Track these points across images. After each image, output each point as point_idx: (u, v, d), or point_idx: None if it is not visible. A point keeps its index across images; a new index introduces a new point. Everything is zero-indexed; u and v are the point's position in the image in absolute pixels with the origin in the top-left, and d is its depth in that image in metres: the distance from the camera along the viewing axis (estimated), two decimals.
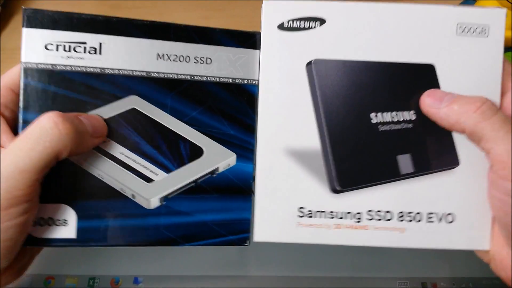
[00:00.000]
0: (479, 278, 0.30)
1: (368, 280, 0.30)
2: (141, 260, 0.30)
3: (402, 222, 0.23)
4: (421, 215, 0.23)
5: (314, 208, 0.23)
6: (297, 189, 0.23)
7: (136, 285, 0.30)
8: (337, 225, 0.23)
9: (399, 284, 0.30)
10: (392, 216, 0.23)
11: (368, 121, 0.23)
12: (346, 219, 0.23)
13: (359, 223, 0.23)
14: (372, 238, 0.23)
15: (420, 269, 0.30)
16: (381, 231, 0.23)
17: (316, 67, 0.23)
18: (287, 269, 0.30)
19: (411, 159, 0.23)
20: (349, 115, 0.23)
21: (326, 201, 0.23)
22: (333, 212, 0.23)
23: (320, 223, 0.23)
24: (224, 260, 0.31)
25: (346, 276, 0.30)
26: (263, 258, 0.31)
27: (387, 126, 0.23)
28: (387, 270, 0.30)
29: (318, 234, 0.23)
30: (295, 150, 0.23)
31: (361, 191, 0.23)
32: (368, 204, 0.23)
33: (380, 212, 0.23)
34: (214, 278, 0.30)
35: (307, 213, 0.23)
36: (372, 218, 0.23)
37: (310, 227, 0.23)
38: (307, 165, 0.23)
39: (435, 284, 0.30)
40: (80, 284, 0.30)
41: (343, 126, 0.23)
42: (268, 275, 0.30)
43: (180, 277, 0.30)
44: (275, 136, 0.23)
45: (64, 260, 0.30)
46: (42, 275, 0.30)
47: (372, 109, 0.23)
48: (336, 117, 0.23)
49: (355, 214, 0.23)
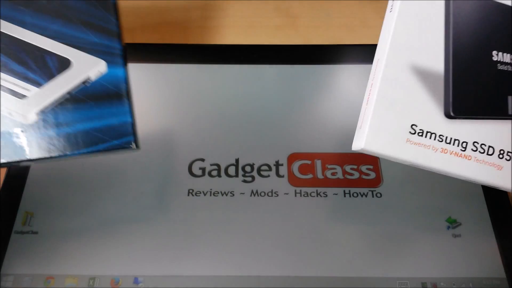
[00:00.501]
0: (479, 278, 0.30)
1: (368, 280, 0.30)
2: (141, 260, 0.30)
3: (502, 160, 0.24)
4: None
5: (426, 128, 0.24)
6: (414, 106, 0.23)
7: (136, 285, 0.30)
8: (444, 149, 0.24)
9: (399, 284, 0.30)
10: (494, 151, 0.24)
11: (489, 58, 0.25)
12: (453, 146, 0.24)
13: (464, 152, 0.24)
14: (472, 169, 0.24)
15: (420, 269, 0.30)
16: (481, 164, 0.24)
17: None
18: (287, 269, 0.30)
19: None
20: (474, 48, 0.25)
21: (438, 124, 0.24)
22: (442, 136, 0.24)
23: (429, 144, 0.24)
24: (224, 260, 0.30)
25: (346, 276, 0.30)
26: (263, 258, 0.30)
27: (505, 66, 0.25)
28: (387, 270, 0.30)
29: (424, 154, 0.24)
30: (421, 69, 0.24)
31: (471, 121, 0.24)
32: (475, 136, 0.24)
33: (484, 146, 0.24)
34: (214, 278, 0.30)
35: (419, 131, 0.23)
36: (476, 150, 0.24)
37: (418, 145, 0.23)
38: (429, 86, 0.24)
39: (435, 284, 0.30)
40: (80, 284, 0.30)
41: (467, 57, 0.24)
42: (268, 275, 0.30)
43: (180, 277, 0.30)
44: (405, 50, 0.24)
45: (64, 260, 0.30)
46: (42, 275, 0.30)
47: (494, 47, 0.25)
48: (463, 48, 0.24)
49: (462, 143, 0.24)
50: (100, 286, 0.30)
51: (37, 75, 0.24)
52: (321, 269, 0.30)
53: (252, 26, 0.25)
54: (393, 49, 0.23)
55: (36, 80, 0.24)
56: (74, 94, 0.24)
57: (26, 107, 0.23)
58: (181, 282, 0.30)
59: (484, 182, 0.24)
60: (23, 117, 0.23)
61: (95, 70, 0.24)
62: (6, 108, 0.23)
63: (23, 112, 0.23)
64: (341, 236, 0.31)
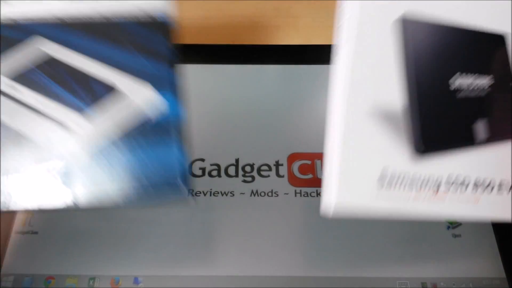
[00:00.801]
0: (479, 278, 0.30)
1: (368, 280, 0.30)
2: (141, 260, 0.30)
3: (477, 192, 0.22)
4: (494, 184, 0.23)
5: (396, 173, 0.22)
6: (381, 151, 0.22)
7: (136, 285, 0.30)
8: (417, 195, 0.22)
9: (399, 284, 0.30)
10: (468, 185, 0.22)
11: (450, 85, 0.23)
12: (425, 188, 0.22)
13: (437, 192, 0.22)
14: (448, 209, 0.22)
15: (420, 269, 0.30)
16: (456, 202, 0.22)
17: (406, 26, 0.23)
18: (287, 269, 0.30)
19: (489, 125, 0.23)
20: (434, 77, 0.23)
21: (408, 166, 0.22)
22: (414, 178, 0.22)
23: (400, 193, 0.22)
24: (224, 260, 0.30)
25: (346, 276, 0.30)
26: (263, 258, 0.31)
27: (466, 91, 0.24)
28: (387, 270, 0.30)
29: (397, 204, 0.22)
30: (378, 110, 0.22)
31: (440, 158, 0.22)
32: (447, 171, 0.22)
33: (457, 180, 0.22)
34: (214, 278, 0.30)
35: (389, 179, 0.22)
36: (449, 187, 0.22)
37: (390, 196, 0.22)
38: (392, 127, 0.22)
39: (435, 284, 0.30)
40: (80, 284, 0.30)
41: (429, 88, 0.23)
42: (268, 275, 0.30)
43: (180, 277, 0.30)
44: (362, 93, 0.22)
45: (64, 260, 0.30)
46: (42, 275, 0.30)
47: (454, 73, 0.23)
48: (424, 79, 0.23)
49: (434, 182, 0.22)
50: (100, 286, 0.30)
51: (82, 101, 0.22)
52: (321, 269, 0.30)
53: (252, 26, 0.25)
54: (348, 91, 0.22)
55: (80, 107, 0.21)
56: (125, 129, 0.21)
57: (73, 143, 0.21)
58: (181, 282, 0.30)
59: (465, 219, 0.23)
60: (69, 154, 0.21)
61: (145, 98, 0.22)
62: (48, 141, 0.21)
63: (70, 148, 0.21)
64: (341, 236, 0.31)
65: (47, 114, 0.21)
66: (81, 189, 0.20)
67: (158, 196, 0.21)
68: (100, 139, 0.21)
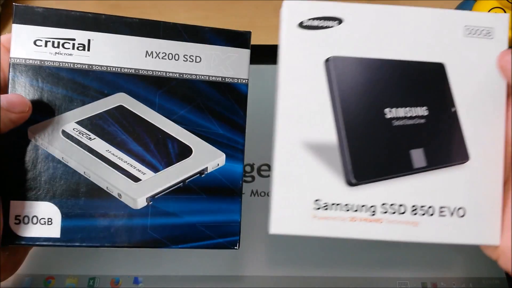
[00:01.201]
0: (479, 278, 0.30)
1: (368, 280, 0.30)
2: (141, 260, 0.30)
3: (415, 216, 0.23)
4: (434, 209, 0.23)
5: (329, 200, 0.23)
6: (313, 182, 0.23)
7: (136, 285, 0.30)
8: (352, 217, 0.23)
9: (399, 284, 0.30)
10: (406, 210, 0.23)
11: (382, 116, 0.24)
12: (361, 212, 0.23)
13: (374, 216, 0.23)
14: (386, 231, 0.23)
15: (420, 269, 0.30)
16: (395, 224, 0.23)
17: (333, 64, 0.24)
18: (287, 269, 0.30)
19: (424, 153, 0.24)
20: (365, 110, 0.24)
21: (341, 194, 0.23)
22: (348, 205, 0.23)
23: (335, 216, 0.23)
24: (224, 260, 0.31)
25: (346, 276, 0.30)
26: (263, 258, 0.31)
27: (400, 121, 0.24)
28: (387, 270, 0.30)
29: (333, 227, 0.23)
30: (313, 143, 0.23)
31: (376, 184, 0.23)
32: (383, 197, 0.23)
33: (394, 206, 0.23)
34: (214, 278, 0.30)
35: (323, 206, 0.23)
36: (386, 211, 0.23)
37: (325, 219, 0.23)
38: (324, 158, 0.23)
39: (435, 284, 0.30)
40: (80, 284, 0.30)
41: (358, 120, 0.23)
42: (268, 275, 0.30)
43: (180, 277, 0.30)
44: (293, 128, 0.23)
45: (64, 260, 0.30)
46: (42, 275, 0.30)
47: (386, 105, 0.24)
48: (353, 112, 0.23)
49: (369, 207, 0.23)
50: (100, 286, 0.30)
51: (155, 158, 0.23)
52: (321, 269, 0.30)
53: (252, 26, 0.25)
54: (283, 127, 0.23)
55: (153, 164, 0.23)
56: (188, 184, 0.23)
57: (138, 192, 0.22)
58: (181, 282, 0.30)
59: (405, 241, 0.23)
60: (132, 201, 0.22)
61: (214, 163, 0.23)
62: (117, 189, 0.22)
63: (135, 196, 0.22)
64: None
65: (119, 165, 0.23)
66: (132, 231, 0.22)
67: (213, 245, 0.23)
68: (163, 187, 0.23)
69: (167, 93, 0.24)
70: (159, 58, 0.23)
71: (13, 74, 0.22)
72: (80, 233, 0.22)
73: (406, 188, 0.23)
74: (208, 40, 0.24)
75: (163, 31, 0.23)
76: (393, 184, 0.23)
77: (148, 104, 0.23)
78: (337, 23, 0.24)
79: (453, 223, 0.23)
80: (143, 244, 0.22)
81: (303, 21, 0.24)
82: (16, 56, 0.22)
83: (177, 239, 0.23)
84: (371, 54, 0.24)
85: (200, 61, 0.24)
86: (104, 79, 0.23)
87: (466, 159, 0.23)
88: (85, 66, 0.23)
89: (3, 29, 0.41)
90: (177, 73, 0.24)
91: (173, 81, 0.24)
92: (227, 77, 0.24)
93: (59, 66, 0.22)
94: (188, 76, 0.24)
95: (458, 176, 0.23)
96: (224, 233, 0.23)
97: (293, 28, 0.24)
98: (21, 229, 0.22)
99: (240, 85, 0.24)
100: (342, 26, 0.24)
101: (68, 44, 0.22)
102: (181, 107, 0.24)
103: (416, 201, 0.23)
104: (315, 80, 0.24)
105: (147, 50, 0.23)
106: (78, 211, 0.22)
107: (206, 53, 0.24)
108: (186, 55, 0.24)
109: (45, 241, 0.22)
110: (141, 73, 0.23)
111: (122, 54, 0.23)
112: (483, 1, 0.37)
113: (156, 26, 0.23)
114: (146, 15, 0.43)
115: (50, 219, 0.22)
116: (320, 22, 0.24)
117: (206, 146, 0.24)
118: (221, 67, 0.24)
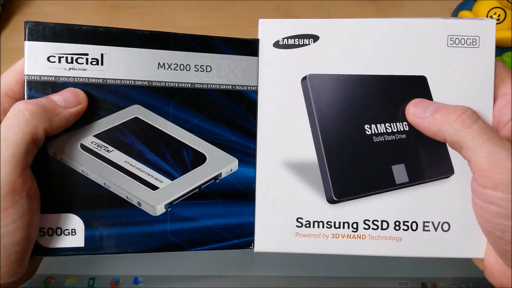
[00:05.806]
0: (479, 278, 0.30)
1: (368, 280, 0.30)
2: (141, 260, 0.31)
3: (399, 231, 0.23)
4: (417, 224, 0.23)
5: (311, 218, 0.23)
6: (295, 200, 0.23)
7: (136, 285, 0.30)
8: (335, 234, 0.23)
9: (399, 284, 0.30)
10: (389, 225, 0.23)
11: (362, 132, 0.24)
12: (343, 229, 0.23)
13: (356, 233, 0.23)
14: (369, 247, 0.23)
15: (420, 269, 0.30)
16: (377, 240, 0.23)
17: (310, 82, 0.23)
18: (287, 269, 0.30)
19: (405, 169, 0.24)
20: (344, 127, 0.24)
21: (323, 211, 0.23)
22: (330, 222, 0.23)
23: (318, 233, 0.23)
24: (224, 260, 0.31)
25: (346, 276, 0.30)
26: (263, 258, 0.31)
27: (381, 137, 0.24)
28: (387, 270, 0.30)
29: (316, 244, 0.23)
30: (293, 162, 0.24)
31: (358, 201, 0.23)
32: (365, 214, 0.23)
33: (376, 222, 0.23)
34: (214, 278, 0.30)
35: (305, 223, 0.23)
36: (369, 228, 0.23)
37: (308, 237, 0.23)
38: (305, 176, 0.23)
39: (435, 284, 0.30)
40: (80, 284, 0.30)
41: (338, 138, 0.23)
42: (268, 275, 0.30)
43: (180, 277, 0.30)
44: (273, 148, 0.24)
45: (64, 260, 0.31)
46: (42, 275, 0.30)
47: (366, 121, 0.24)
48: (331, 130, 0.23)
49: (351, 224, 0.23)
50: (100, 286, 0.30)
51: (171, 167, 0.24)
52: (321, 269, 0.30)
53: (252, 26, 0.25)
54: (261, 151, 0.23)
55: (170, 172, 0.24)
56: (203, 190, 0.24)
57: (157, 199, 0.23)
58: (181, 282, 0.30)
59: (389, 256, 0.23)
60: (152, 209, 0.23)
61: (227, 168, 0.24)
62: (136, 198, 0.23)
63: (153, 204, 0.23)
64: None
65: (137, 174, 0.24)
66: (154, 236, 0.24)
67: (229, 246, 0.24)
68: (180, 194, 0.24)
69: (181, 103, 0.24)
70: (171, 70, 0.24)
71: (29, 91, 0.22)
72: (103, 242, 0.23)
73: (389, 204, 0.23)
74: (218, 49, 0.24)
75: (174, 42, 0.24)
76: (375, 200, 0.23)
77: (162, 114, 0.24)
78: (313, 41, 0.24)
79: (437, 238, 0.23)
80: (163, 248, 0.23)
81: (278, 40, 0.24)
82: (31, 73, 0.22)
83: (195, 242, 0.24)
84: (350, 70, 0.24)
85: (210, 70, 0.24)
86: (118, 92, 0.23)
87: (450, 173, 0.23)
88: (99, 80, 0.23)
89: (3, 29, 0.41)
90: (189, 83, 0.24)
91: (185, 91, 0.24)
92: (237, 85, 0.25)
93: (74, 82, 0.23)
94: (200, 85, 0.24)
95: (442, 190, 0.23)
96: (240, 234, 0.24)
97: (269, 48, 0.24)
98: (47, 240, 0.22)
99: (250, 92, 0.25)
100: (318, 43, 0.24)
101: (82, 59, 0.23)
102: (194, 116, 0.24)
103: (398, 216, 0.23)
104: (293, 98, 0.24)
105: (159, 62, 0.24)
106: (100, 221, 0.23)
107: (216, 62, 0.24)
108: (197, 65, 0.24)
109: (70, 251, 0.22)
110: (154, 84, 0.24)
111: (135, 66, 0.23)
112: (483, 1, 0.37)
113: (167, 38, 0.24)
114: (146, 15, 0.44)
115: (74, 229, 0.22)
116: (296, 40, 0.24)
117: (220, 153, 0.24)
118: (231, 76, 0.24)
